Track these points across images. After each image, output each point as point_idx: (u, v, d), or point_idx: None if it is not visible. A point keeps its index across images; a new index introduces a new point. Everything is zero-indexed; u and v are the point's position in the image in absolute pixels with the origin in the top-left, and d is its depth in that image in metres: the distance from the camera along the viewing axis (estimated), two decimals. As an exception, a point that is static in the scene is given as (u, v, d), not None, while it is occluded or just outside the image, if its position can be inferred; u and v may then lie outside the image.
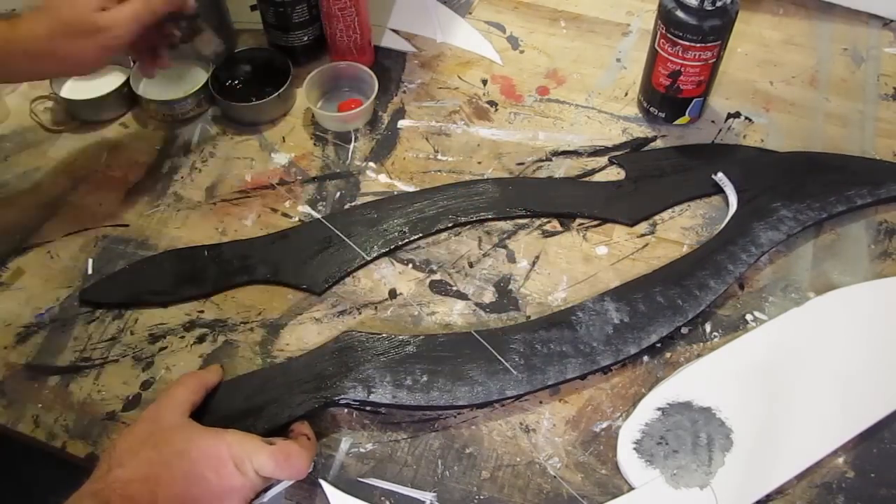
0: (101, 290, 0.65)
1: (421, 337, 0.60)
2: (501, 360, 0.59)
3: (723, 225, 0.67)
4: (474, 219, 0.69)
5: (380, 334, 0.60)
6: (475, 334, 0.60)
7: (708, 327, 0.62)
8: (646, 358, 0.61)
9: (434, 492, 0.54)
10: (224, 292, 0.65)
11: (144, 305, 0.65)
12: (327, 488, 0.54)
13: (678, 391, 0.58)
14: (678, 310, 0.61)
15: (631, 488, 0.54)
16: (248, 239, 0.68)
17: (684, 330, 0.62)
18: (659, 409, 0.57)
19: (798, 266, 0.66)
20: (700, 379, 0.58)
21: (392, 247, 0.67)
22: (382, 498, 0.54)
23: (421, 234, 0.68)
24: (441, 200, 0.70)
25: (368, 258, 0.66)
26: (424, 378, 0.58)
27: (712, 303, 0.62)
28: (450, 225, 0.69)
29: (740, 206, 0.68)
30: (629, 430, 0.56)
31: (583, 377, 0.59)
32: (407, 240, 0.68)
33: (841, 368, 0.58)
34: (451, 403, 0.57)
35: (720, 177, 0.70)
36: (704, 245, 0.66)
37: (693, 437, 0.55)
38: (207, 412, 0.56)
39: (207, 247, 0.68)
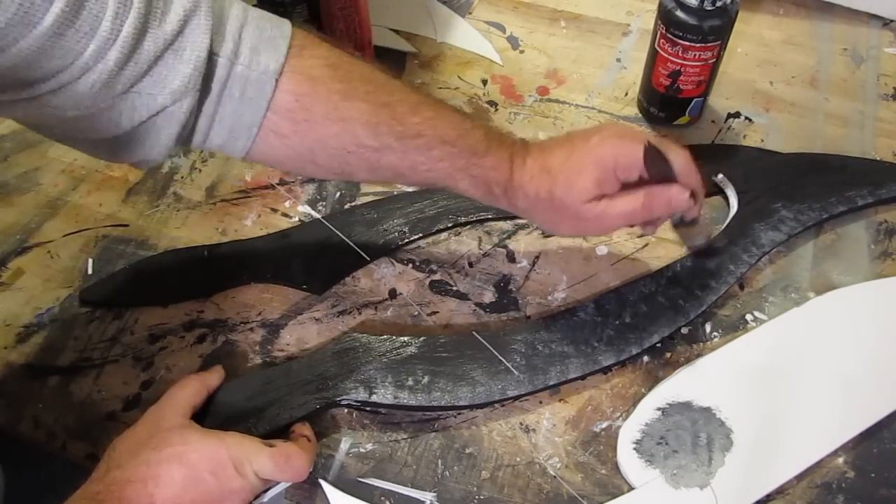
0: (101, 289, 0.65)
1: (422, 338, 0.60)
2: (503, 360, 0.59)
3: (724, 226, 0.67)
4: (474, 219, 0.69)
5: (381, 335, 0.60)
6: (476, 335, 0.60)
7: (708, 327, 0.62)
8: (646, 358, 0.61)
9: (434, 492, 0.54)
10: (224, 292, 0.65)
11: (144, 305, 0.65)
12: (327, 488, 0.54)
13: (678, 391, 0.57)
14: (679, 310, 0.61)
15: (631, 488, 0.54)
16: (248, 239, 0.68)
17: (684, 330, 0.62)
18: (659, 409, 0.57)
19: (798, 266, 0.66)
20: (700, 379, 0.58)
21: (392, 247, 0.67)
22: (382, 498, 0.54)
23: (421, 234, 0.68)
24: (441, 200, 0.70)
25: (368, 258, 0.66)
26: (426, 379, 0.58)
27: (713, 303, 0.62)
28: (450, 225, 0.68)
29: (741, 207, 0.68)
30: (629, 430, 0.56)
31: (583, 377, 0.59)
32: (407, 240, 0.67)
33: (841, 368, 0.58)
34: (453, 404, 0.57)
35: (721, 178, 0.70)
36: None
37: (693, 437, 0.55)
38: (208, 414, 0.56)
39: (207, 247, 0.68)
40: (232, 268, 0.66)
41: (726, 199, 0.70)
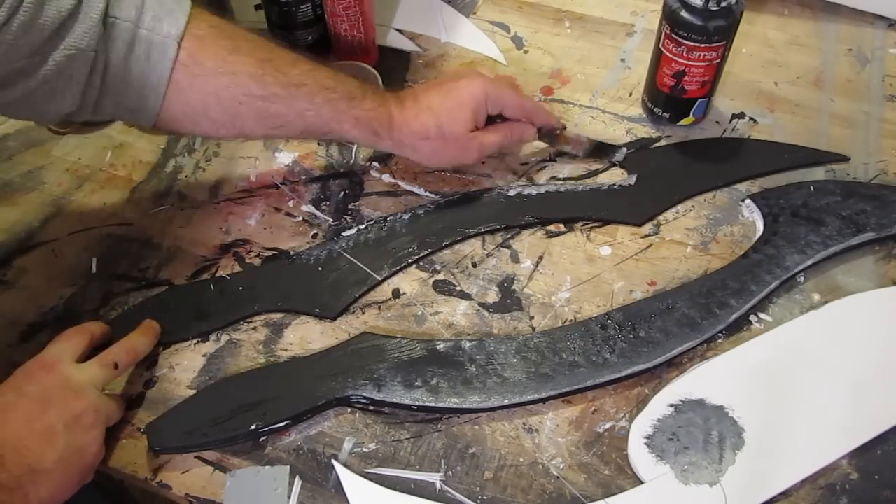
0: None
1: (434, 341, 0.60)
2: (513, 366, 0.59)
3: (749, 247, 0.66)
4: (483, 230, 0.68)
5: (394, 337, 0.61)
6: (487, 341, 0.60)
7: (712, 328, 0.62)
8: (650, 359, 0.61)
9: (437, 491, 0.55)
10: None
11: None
12: (340, 470, 0.54)
13: (691, 389, 0.57)
14: (696, 327, 0.61)
15: (640, 482, 0.54)
16: (254, 267, 0.67)
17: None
18: (672, 405, 0.56)
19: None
20: (714, 378, 0.58)
21: (402, 265, 0.66)
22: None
23: (429, 251, 0.67)
24: (449, 214, 0.69)
25: (379, 279, 0.65)
26: (435, 381, 0.58)
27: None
28: (458, 238, 0.68)
29: (767, 229, 0.67)
30: (641, 425, 0.56)
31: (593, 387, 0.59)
32: (417, 256, 0.67)
33: (854, 375, 0.58)
34: (462, 407, 0.57)
35: (748, 203, 0.69)
36: (729, 265, 0.65)
37: (705, 434, 0.55)
38: (218, 402, 0.57)
39: (213, 280, 0.66)
40: (240, 299, 0.64)
41: (730, 196, 0.70)
